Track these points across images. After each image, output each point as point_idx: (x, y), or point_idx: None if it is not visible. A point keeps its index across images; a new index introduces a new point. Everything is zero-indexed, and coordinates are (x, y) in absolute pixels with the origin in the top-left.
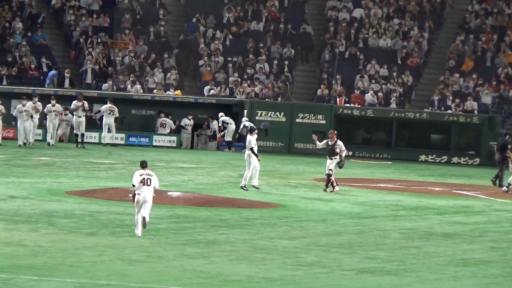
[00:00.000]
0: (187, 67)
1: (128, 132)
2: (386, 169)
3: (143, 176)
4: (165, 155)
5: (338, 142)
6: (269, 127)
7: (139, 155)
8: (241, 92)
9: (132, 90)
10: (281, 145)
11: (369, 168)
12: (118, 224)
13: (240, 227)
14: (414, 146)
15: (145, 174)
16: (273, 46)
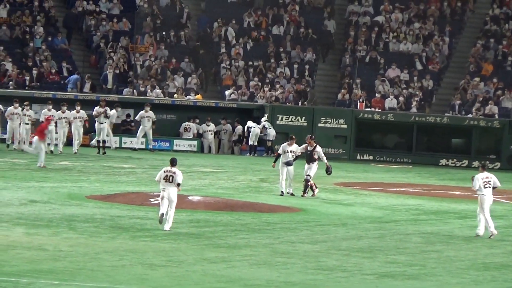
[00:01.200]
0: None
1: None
2: (406, 173)
3: (166, 173)
4: (186, 160)
5: (317, 148)
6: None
7: (160, 159)
8: (262, 97)
9: (152, 94)
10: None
11: (389, 172)
12: (138, 228)
13: (261, 231)
14: (435, 150)
15: (168, 171)
16: (293, 50)
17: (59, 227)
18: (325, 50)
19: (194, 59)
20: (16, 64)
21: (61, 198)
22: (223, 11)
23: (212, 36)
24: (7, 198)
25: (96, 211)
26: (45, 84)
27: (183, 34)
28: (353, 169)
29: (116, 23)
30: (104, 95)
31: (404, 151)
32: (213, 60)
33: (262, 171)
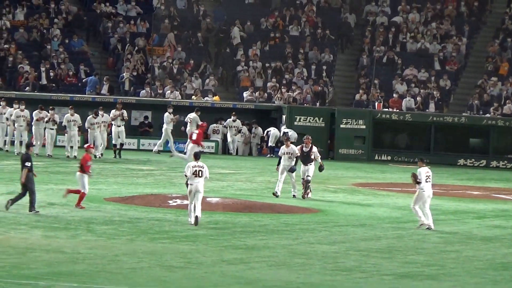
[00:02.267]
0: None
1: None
2: None
3: (195, 168)
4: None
5: (314, 148)
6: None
7: (178, 161)
8: (280, 98)
9: (170, 96)
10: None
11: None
12: (157, 230)
13: (279, 232)
14: (453, 150)
15: (197, 166)
16: (311, 51)
17: (77, 229)
18: (344, 42)
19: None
20: (33, 67)
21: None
22: (241, 12)
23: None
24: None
25: (115, 213)
26: (63, 86)
27: (200, 36)
28: (371, 169)
29: (133, 25)
30: (121, 97)
31: (422, 151)
32: (230, 62)
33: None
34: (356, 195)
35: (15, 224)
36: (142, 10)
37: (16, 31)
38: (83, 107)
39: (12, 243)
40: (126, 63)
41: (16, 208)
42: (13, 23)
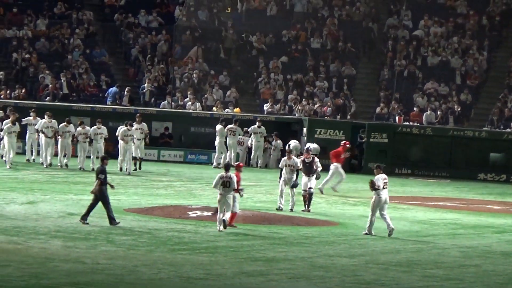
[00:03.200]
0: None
1: (187, 150)
2: (445, 187)
3: (223, 180)
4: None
5: (316, 159)
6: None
7: (198, 172)
8: (300, 110)
9: (191, 107)
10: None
11: (428, 186)
12: (176, 241)
13: (298, 245)
14: (473, 165)
15: (225, 177)
16: (332, 64)
17: (97, 240)
18: (367, 47)
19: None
20: (54, 77)
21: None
22: (262, 24)
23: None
24: (45, 210)
25: (134, 224)
26: (84, 96)
27: (221, 47)
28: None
29: (155, 36)
30: (142, 108)
31: (442, 165)
32: (251, 74)
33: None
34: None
35: (35, 233)
36: (163, 21)
37: (37, 41)
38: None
39: (32, 253)
40: (147, 74)
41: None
42: (35, 33)
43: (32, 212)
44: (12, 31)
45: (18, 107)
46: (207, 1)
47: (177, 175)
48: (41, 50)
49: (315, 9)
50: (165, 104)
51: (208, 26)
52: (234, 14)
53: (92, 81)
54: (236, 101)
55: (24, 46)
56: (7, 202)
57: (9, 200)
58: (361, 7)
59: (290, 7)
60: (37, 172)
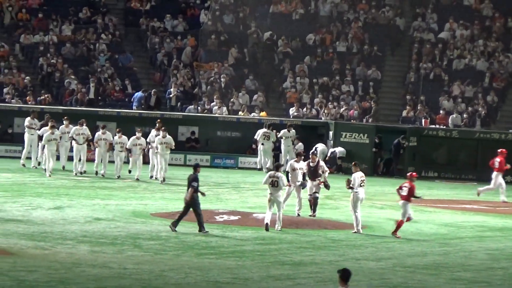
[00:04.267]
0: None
1: (213, 154)
2: (471, 190)
3: (271, 179)
4: (251, 177)
5: (321, 163)
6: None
7: (224, 177)
8: (327, 114)
9: (217, 112)
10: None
11: (454, 189)
12: (203, 246)
13: (326, 248)
14: None
15: (273, 176)
16: (358, 67)
17: (124, 244)
18: (394, 44)
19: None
20: (80, 82)
21: (126, 215)
22: (287, 28)
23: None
24: (72, 216)
25: (161, 228)
26: (109, 101)
27: (247, 51)
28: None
29: (180, 41)
30: (168, 112)
31: (469, 167)
32: (277, 77)
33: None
34: None
35: (62, 239)
36: (189, 26)
37: (63, 46)
38: (130, 123)
39: (59, 258)
40: (173, 78)
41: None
42: (60, 38)
43: (59, 217)
44: (38, 36)
45: (43, 112)
46: (233, 6)
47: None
48: (67, 55)
49: (340, 12)
50: (191, 108)
51: (233, 30)
52: (259, 18)
53: (118, 86)
54: (262, 105)
55: (49, 51)
56: (34, 207)
57: (36, 206)
58: (387, 10)
59: (315, 11)
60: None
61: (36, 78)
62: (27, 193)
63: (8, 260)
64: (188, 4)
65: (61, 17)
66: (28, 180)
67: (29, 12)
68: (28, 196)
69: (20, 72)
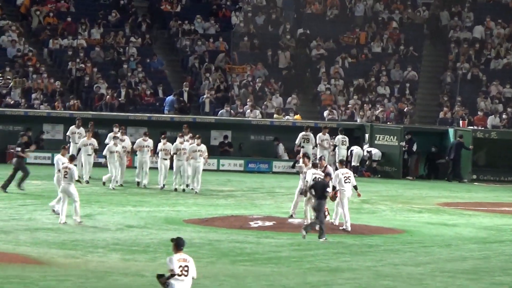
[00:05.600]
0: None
1: (247, 159)
2: (511, 192)
3: (314, 176)
4: (286, 182)
5: (329, 168)
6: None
7: (259, 181)
8: (362, 116)
9: (250, 115)
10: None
11: (493, 192)
12: (238, 252)
13: (363, 254)
14: None
15: (316, 173)
16: (393, 69)
17: (156, 252)
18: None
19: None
20: (110, 87)
21: (158, 222)
22: (321, 28)
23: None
24: (103, 223)
25: (195, 235)
26: (140, 106)
27: (281, 53)
28: (456, 188)
29: (212, 43)
30: (200, 116)
31: (508, 169)
32: (311, 79)
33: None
34: (441, 215)
35: (93, 247)
36: (220, 28)
37: (92, 50)
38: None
39: (90, 267)
40: (204, 82)
41: (93, 231)
42: (89, 42)
43: (90, 224)
44: (66, 40)
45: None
46: (265, 7)
47: (237, 184)
48: (96, 59)
49: (375, 12)
50: (223, 112)
51: (266, 31)
52: (292, 19)
53: (149, 90)
54: (296, 108)
55: (78, 55)
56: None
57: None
58: (422, 9)
59: (350, 11)
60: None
61: (65, 83)
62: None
63: (39, 269)
64: (219, 6)
65: (89, 21)
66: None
67: (57, 16)
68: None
69: (49, 77)
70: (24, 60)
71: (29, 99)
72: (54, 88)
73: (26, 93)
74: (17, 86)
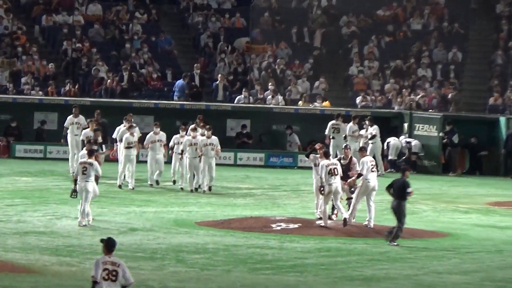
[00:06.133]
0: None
1: (268, 152)
2: None
3: (329, 167)
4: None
5: (354, 160)
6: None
7: (282, 178)
8: (400, 103)
9: (272, 102)
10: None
11: None
12: (258, 259)
13: (402, 260)
14: None
15: (331, 164)
16: (436, 49)
17: (164, 259)
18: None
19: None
20: (111, 69)
21: (167, 225)
22: (354, 3)
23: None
24: (103, 225)
25: (208, 239)
26: (145, 92)
27: (306, 31)
28: (507, 185)
29: (228, 20)
30: (215, 103)
31: None
32: (342, 61)
33: None
34: (492, 216)
35: (91, 253)
36: (237, 2)
37: (90, 28)
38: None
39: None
40: (219, 63)
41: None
42: (87, 18)
43: (88, 227)
44: (61, 16)
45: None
46: None
47: (257, 181)
48: (95, 38)
49: None
50: (241, 98)
51: (289, 6)
52: None
53: (156, 73)
54: (325, 93)
55: (75, 34)
56: (59, 216)
57: (61, 215)
58: None
59: None
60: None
61: (59, 65)
62: (50, 200)
63: (29, 279)
64: None
65: None
66: (51, 184)
67: None
68: (52, 204)
69: (41, 58)
70: (12, 39)
71: (18, 83)
72: (47, 71)
73: (15, 76)
74: (4, 69)
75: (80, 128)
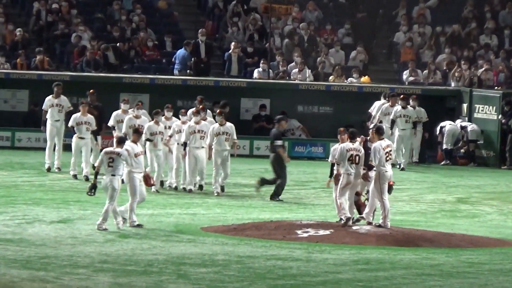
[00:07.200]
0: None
1: (292, 139)
2: None
3: (350, 153)
4: None
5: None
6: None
7: (309, 172)
8: (458, 78)
9: (298, 77)
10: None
11: None
12: (279, 274)
13: (459, 275)
14: None
15: (353, 149)
16: (503, 11)
17: (162, 273)
18: None
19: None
20: (96, 36)
21: (166, 231)
22: None
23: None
24: (86, 232)
25: (218, 249)
26: (139, 64)
27: None
28: None
29: None
30: (228, 79)
31: None
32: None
33: (461, 187)
34: None
35: (71, 266)
36: None
37: None
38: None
39: None
40: (232, 29)
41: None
42: None
43: (67, 234)
44: None
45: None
46: None
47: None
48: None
49: None
50: (259, 72)
51: None
52: None
53: (151, 41)
54: (364, 66)
55: None
56: (30, 220)
57: (33, 218)
58: None
59: None
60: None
61: (30, 30)
62: (19, 199)
63: None
64: None
65: None
66: (20, 180)
67: None
68: (21, 205)
69: (7, 22)
70: None
71: None
72: (14, 38)
73: None
74: None
75: (62, 112)
